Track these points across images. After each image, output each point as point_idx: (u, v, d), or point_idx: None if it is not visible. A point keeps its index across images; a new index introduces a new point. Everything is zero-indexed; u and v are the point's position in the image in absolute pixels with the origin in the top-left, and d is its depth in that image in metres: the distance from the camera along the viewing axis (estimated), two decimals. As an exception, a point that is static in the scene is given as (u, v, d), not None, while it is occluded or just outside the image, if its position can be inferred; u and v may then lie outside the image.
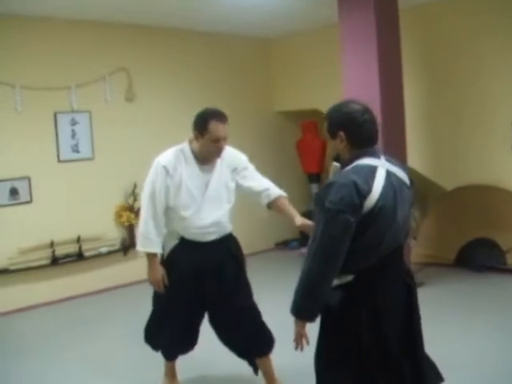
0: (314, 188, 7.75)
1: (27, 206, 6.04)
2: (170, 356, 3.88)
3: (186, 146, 3.57)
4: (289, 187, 7.91)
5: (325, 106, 7.23)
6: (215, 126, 3.42)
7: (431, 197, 7.22)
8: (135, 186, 6.56)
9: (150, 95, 6.85)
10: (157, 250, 3.55)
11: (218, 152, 3.50)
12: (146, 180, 3.55)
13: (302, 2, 6.14)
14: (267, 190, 3.77)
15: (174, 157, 3.54)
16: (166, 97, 7.04)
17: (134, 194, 6.57)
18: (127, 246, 6.64)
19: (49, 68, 6.13)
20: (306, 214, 7.45)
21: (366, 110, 2.65)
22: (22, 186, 5.98)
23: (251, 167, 3.85)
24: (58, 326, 5.49)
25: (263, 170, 8.08)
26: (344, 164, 2.63)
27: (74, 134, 6.34)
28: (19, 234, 5.96)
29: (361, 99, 5.72)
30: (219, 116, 3.48)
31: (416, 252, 6.78)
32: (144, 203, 3.55)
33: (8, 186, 5.90)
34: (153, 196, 3.50)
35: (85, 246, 6.33)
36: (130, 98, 6.73)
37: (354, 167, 2.53)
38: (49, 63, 6.13)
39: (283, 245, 8.07)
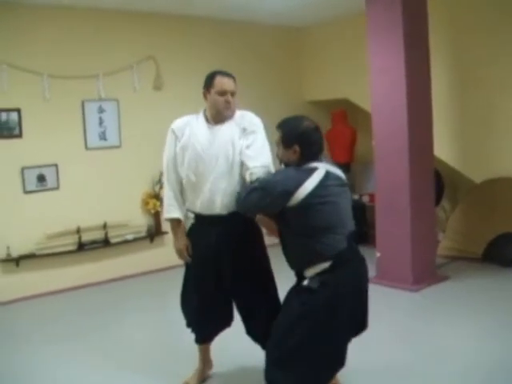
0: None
1: (54, 193, 6.14)
2: (199, 336, 3.77)
3: (201, 111, 3.65)
4: (317, 177, 7.96)
5: (355, 96, 7.29)
6: (220, 79, 3.50)
7: (461, 189, 7.10)
8: (161, 173, 6.54)
9: (177, 83, 6.86)
10: (177, 215, 3.58)
11: (225, 105, 3.48)
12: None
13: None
14: (251, 168, 3.38)
15: (185, 120, 3.68)
16: (194, 85, 6.95)
17: (160, 182, 6.60)
18: (153, 233, 6.71)
19: (77, 57, 6.19)
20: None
21: (317, 129, 3.24)
22: (49, 173, 6.09)
23: (260, 134, 3.58)
24: (83, 312, 5.58)
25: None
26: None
27: (101, 122, 6.41)
28: (46, 220, 6.06)
29: (386, 88, 5.73)
30: (224, 72, 3.56)
31: (444, 245, 6.69)
32: (164, 172, 3.68)
33: (36, 172, 6.01)
34: (168, 164, 3.62)
35: (111, 233, 6.41)
36: (157, 86, 6.77)
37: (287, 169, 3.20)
38: (76, 52, 6.19)
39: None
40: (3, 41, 5.78)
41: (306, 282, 3.06)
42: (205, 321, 3.67)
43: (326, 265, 3.02)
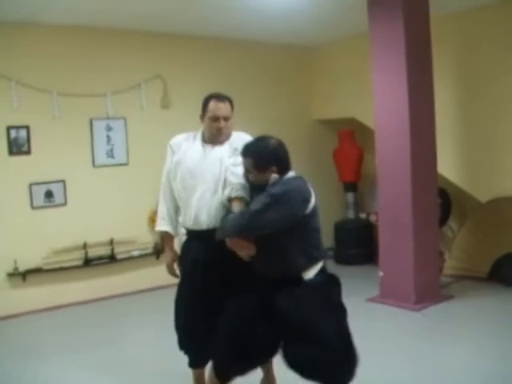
0: (350, 197, 7.71)
1: (62, 208, 6.26)
2: (191, 359, 3.69)
3: (201, 130, 3.72)
4: (325, 195, 8.00)
5: (362, 115, 7.33)
6: (214, 105, 3.56)
7: (469, 208, 7.07)
8: (167, 191, 6.69)
9: (185, 102, 6.93)
10: (166, 228, 3.67)
11: (218, 131, 3.55)
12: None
13: (337, 10, 6.14)
14: (234, 184, 3.37)
15: (183, 137, 3.80)
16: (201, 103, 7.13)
17: (167, 199, 6.69)
18: (159, 249, 6.75)
19: (85, 75, 6.33)
20: (341, 223, 7.49)
21: (281, 142, 3.33)
22: (57, 189, 6.21)
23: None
24: (88, 326, 5.64)
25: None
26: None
27: (109, 140, 6.53)
28: (53, 235, 6.16)
29: (389, 108, 5.77)
30: (219, 96, 3.63)
31: (449, 264, 6.67)
32: (161, 186, 3.76)
33: (44, 188, 6.13)
34: (164, 179, 3.73)
35: (117, 249, 6.50)
36: (165, 104, 6.88)
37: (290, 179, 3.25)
38: (85, 70, 6.33)
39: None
40: (13, 59, 5.93)
41: (314, 279, 3.17)
42: (195, 342, 3.58)
43: (320, 263, 3.22)
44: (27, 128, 6.01)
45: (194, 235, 3.55)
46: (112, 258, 6.47)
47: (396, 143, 5.72)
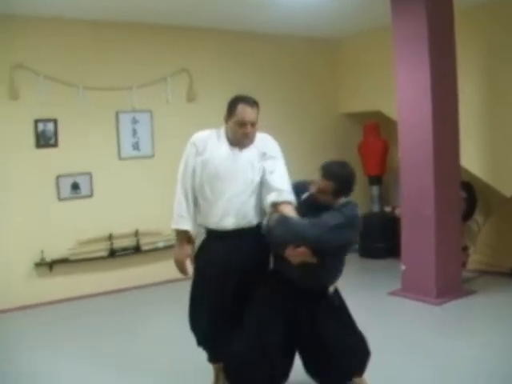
0: (375, 190, 7.68)
1: (88, 200, 6.38)
2: (211, 355, 3.76)
3: (222, 128, 3.65)
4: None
5: (387, 108, 7.28)
6: (242, 109, 3.51)
7: (495, 202, 6.99)
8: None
9: (210, 95, 7.01)
10: (187, 227, 3.55)
11: (243, 136, 3.50)
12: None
13: (360, 2, 6.11)
14: (280, 190, 3.48)
15: (206, 135, 3.68)
16: (227, 97, 7.16)
17: (191, 192, 6.78)
18: (185, 241, 6.85)
19: (111, 69, 6.44)
20: (366, 217, 7.47)
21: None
22: (83, 181, 6.32)
23: (281, 161, 3.70)
24: (112, 315, 5.76)
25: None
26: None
27: (134, 133, 6.63)
28: (79, 226, 6.30)
29: (412, 101, 5.73)
30: (248, 100, 3.57)
31: (473, 259, 6.62)
32: (178, 182, 3.70)
33: (70, 180, 6.26)
34: (185, 174, 3.64)
35: (142, 240, 6.60)
36: (191, 98, 6.94)
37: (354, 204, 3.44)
38: (111, 64, 6.44)
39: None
40: (41, 53, 6.07)
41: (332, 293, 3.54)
42: (216, 339, 3.62)
43: None
44: (54, 121, 6.13)
45: (215, 235, 3.54)
46: (137, 250, 6.57)
47: (418, 137, 5.69)
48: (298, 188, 3.57)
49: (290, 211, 3.38)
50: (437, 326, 5.20)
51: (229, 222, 3.47)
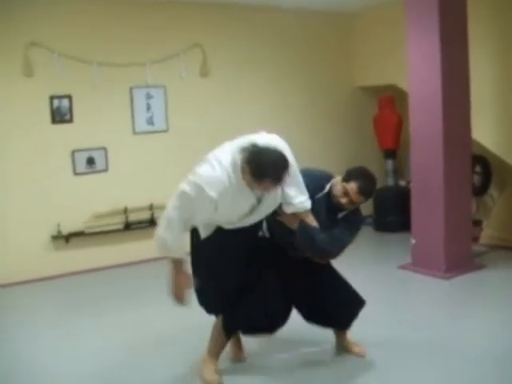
0: (389, 164, 7.67)
1: (103, 175, 6.51)
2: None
3: (237, 162, 3.23)
4: (365, 162, 7.96)
5: (402, 81, 7.23)
6: (269, 185, 3.22)
7: (510, 176, 6.94)
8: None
9: (224, 70, 7.08)
10: (181, 255, 3.38)
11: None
12: (184, 186, 3.30)
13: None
14: (297, 201, 3.49)
15: (221, 183, 3.20)
16: (241, 72, 7.24)
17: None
18: (199, 214, 6.96)
19: (125, 45, 6.50)
20: (380, 190, 7.49)
21: None
22: (98, 156, 6.45)
23: (294, 167, 3.54)
24: (126, 287, 5.92)
25: (340, 144, 8.16)
26: None
27: (148, 108, 6.71)
28: (95, 200, 6.45)
29: (422, 75, 5.69)
30: (277, 178, 3.19)
31: (486, 233, 6.61)
32: (173, 206, 3.37)
33: (85, 155, 6.40)
34: (186, 209, 3.30)
35: (157, 214, 6.68)
36: (204, 73, 6.99)
37: None
38: (125, 40, 6.50)
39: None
40: (55, 31, 6.17)
41: None
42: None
43: None
44: (69, 97, 6.25)
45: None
46: (152, 223, 6.67)
47: (428, 111, 5.67)
48: (314, 183, 3.69)
49: (313, 221, 3.54)
50: (443, 300, 5.24)
51: (247, 223, 3.48)
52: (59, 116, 6.24)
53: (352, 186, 3.52)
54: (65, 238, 6.30)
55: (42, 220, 6.21)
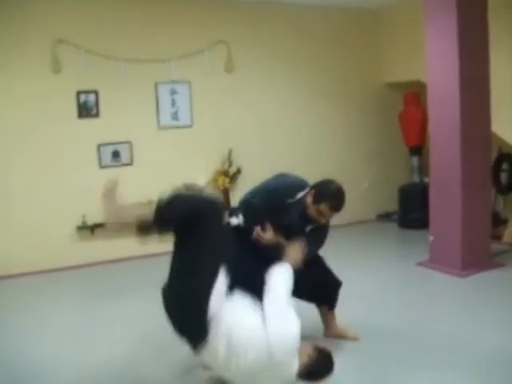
0: (415, 161, 7.62)
1: (128, 168, 6.69)
2: None
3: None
4: (391, 159, 7.99)
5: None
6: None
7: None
8: (230, 152, 7.00)
9: (249, 66, 7.18)
10: None
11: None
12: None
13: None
14: None
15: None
16: (266, 68, 7.32)
17: (229, 160, 6.99)
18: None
19: (150, 42, 6.66)
20: (405, 187, 7.45)
21: None
22: (123, 150, 6.65)
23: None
24: (148, 277, 6.06)
25: (365, 141, 8.13)
26: None
27: (173, 103, 6.86)
28: (119, 193, 6.59)
29: (440, 71, 5.62)
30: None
31: (509, 232, 6.52)
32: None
33: (111, 149, 6.60)
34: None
35: (181, 207, 6.86)
36: (229, 69, 7.09)
37: None
38: (150, 37, 6.66)
39: (385, 216, 8.05)
40: (82, 28, 6.37)
41: None
42: None
43: None
44: (96, 92, 6.45)
45: None
46: (175, 215, 6.83)
47: (446, 106, 5.65)
48: (284, 189, 3.93)
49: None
50: (457, 297, 5.19)
51: None
52: (86, 111, 6.45)
53: (323, 208, 3.74)
54: (90, 229, 6.50)
55: (68, 211, 6.44)
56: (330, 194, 3.75)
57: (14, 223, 6.25)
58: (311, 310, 4.23)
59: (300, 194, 3.87)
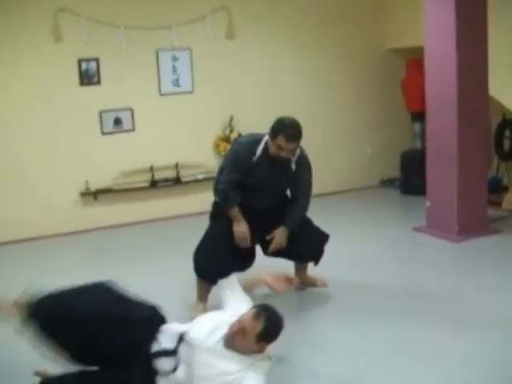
0: (417, 127, 7.60)
1: (130, 134, 6.79)
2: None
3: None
4: (392, 125, 8.00)
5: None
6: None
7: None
8: (232, 118, 7.05)
9: (250, 32, 7.17)
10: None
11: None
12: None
13: None
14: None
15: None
16: (267, 34, 7.29)
17: (230, 126, 7.05)
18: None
19: (151, 9, 6.68)
20: (407, 153, 7.46)
21: None
22: (125, 116, 6.72)
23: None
24: (149, 242, 6.24)
25: (367, 107, 8.07)
26: None
27: (174, 70, 6.90)
28: (122, 159, 6.74)
29: (437, 34, 5.56)
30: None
31: (509, 199, 6.53)
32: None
33: (112, 116, 6.68)
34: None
35: (182, 172, 6.97)
36: (230, 35, 7.08)
37: None
38: (151, 4, 6.67)
39: (388, 182, 8.07)
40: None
41: None
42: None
43: None
44: (97, 60, 6.52)
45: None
46: (177, 181, 6.96)
47: (442, 71, 5.66)
48: (244, 151, 4.18)
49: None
50: (449, 262, 5.31)
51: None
52: (87, 78, 6.53)
53: (281, 140, 3.91)
54: (93, 195, 6.65)
55: (72, 177, 6.58)
56: (284, 125, 3.99)
57: (18, 190, 6.42)
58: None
59: (260, 147, 4.08)
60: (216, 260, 4.01)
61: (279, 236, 4.22)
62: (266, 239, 4.25)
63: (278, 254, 4.31)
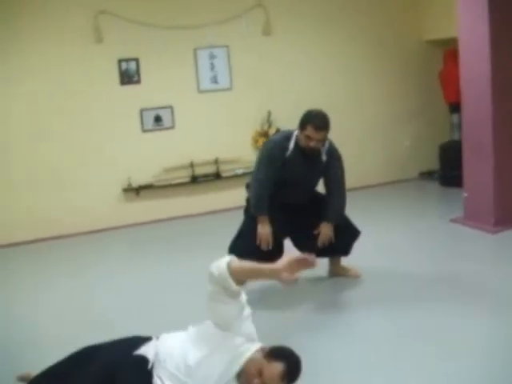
0: (455, 118, 7.55)
1: (170, 131, 6.97)
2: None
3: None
4: (430, 117, 7.96)
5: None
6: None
7: None
8: (270, 113, 7.16)
9: (286, 29, 7.26)
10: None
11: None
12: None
13: None
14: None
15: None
16: (303, 30, 7.37)
17: (268, 121, 7.15)
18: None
19: (188, 8, 6.84)
20: (446, 145, 7.43)
21: None
22: (165, 114, 6.91)
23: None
24: (192, 236, 6.40)
25: (405, 99, 8.01)
26: None
27: (212, 67, 7.05)
28: (163, 155, 6.93)
29: (471, 28, 5.58)
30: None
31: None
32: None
33: (153, 114, 6.87)
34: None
35: (222, 167, 7.12)
36: (267, 32, 7.19)
37: None
38: (188, 4, 6.84)
39: (427, 175, 8.05)
40: (121, -2, 6.65)
41: None
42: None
43: None
44: (136, 60, 6.72)
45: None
46: (217, 176, 7.11)
47: (477, 64, 5.62)
48: (278, 148, 4.35)
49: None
50: (483, 254, 5.29)
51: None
52: (127, 78, 6.73)
53: (309, 130, 4.12)
54: (135, 191, 6.86)
55: (114, 174, 6.81)
56: (312, 116, 4.17)
57: (63, 187, 6.68)
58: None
59: (291, 142, 4.27)
60: (248, 257, 4.09)
61: (324, 229, 4.38)
62: (314, 233, 4.39)
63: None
